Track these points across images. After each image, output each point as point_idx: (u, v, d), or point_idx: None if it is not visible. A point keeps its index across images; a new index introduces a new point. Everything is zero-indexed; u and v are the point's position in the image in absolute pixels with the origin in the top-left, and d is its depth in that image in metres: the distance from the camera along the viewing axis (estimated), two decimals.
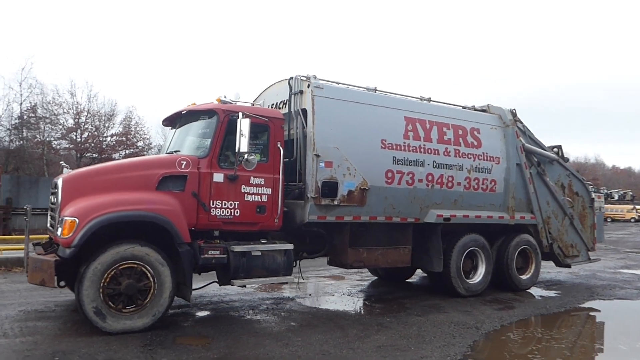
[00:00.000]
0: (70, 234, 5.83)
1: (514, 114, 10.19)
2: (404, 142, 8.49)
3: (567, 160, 11.38)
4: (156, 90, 70.86)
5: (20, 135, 32.22)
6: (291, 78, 8.14)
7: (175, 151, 7.38)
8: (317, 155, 7.56)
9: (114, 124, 35.78)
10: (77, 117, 33.31)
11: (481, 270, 9.43)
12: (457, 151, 9.13)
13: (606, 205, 46.24)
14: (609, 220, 45.13)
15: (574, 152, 74.13)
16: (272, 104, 8.75)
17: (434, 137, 8.88)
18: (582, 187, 11.41)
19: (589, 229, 11.45)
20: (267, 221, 7.28)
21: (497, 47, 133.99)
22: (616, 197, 61.27)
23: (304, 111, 7.78)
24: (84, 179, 6.53)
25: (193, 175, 6.74)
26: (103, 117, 34.83)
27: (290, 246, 7.31)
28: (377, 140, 8.20)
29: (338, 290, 9.61)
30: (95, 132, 34.20)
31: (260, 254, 7.08)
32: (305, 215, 7.59)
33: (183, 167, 6.72)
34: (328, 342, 5.97)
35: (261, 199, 7.22)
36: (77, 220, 5.87)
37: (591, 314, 8.43)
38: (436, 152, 8.85)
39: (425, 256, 9.25)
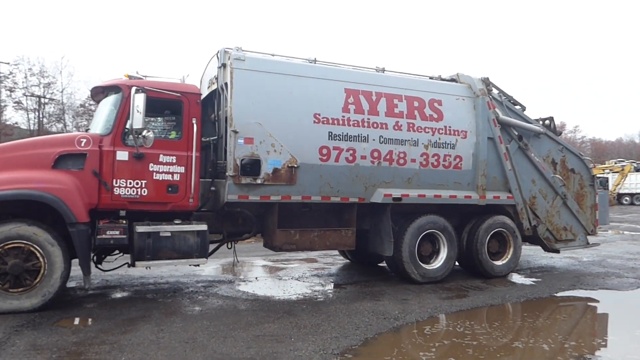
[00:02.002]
0: None
1: (486, 82, 9.18)
2: (343, 116, 7.84)
3: (559, 133, 10.18)
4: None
5: None
6: (218, 51, 7.71)
7: (87, 129, 7.22)
8: (235, 132, 7.12)
9: None
10: None
11: (442, 255, 8.63)
12: (410, 125, 8.33)
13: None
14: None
15: None
16: (209, 80, 8.36)
17: (381, 109, 8.14)
18: (579, 163, 10.17)
19: (589, 209, 10.21)
20: (179, 201, 6.97)
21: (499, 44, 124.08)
22: None
23: (227, 85, 7.34)
24: None
25: (93, 154, 6.53)
26: None
27: (203, 227, 6.96)
28: (309, 114, 7.61)
29: (289, 274, 9.17)
30: None
31: (169, 234, 6.80)
32: (224, 194, 7.21)
33: (82, 145, 6.52)
34: (208, 329, 5.59)
35: (172, 177, 6.92)
36: None
37: (550, 306, 7.41)
38: (384, 126, 8.12)
39: (377, 239, 8.60)
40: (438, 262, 8.60)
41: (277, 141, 7.36)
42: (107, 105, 7.09)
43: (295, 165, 7.47)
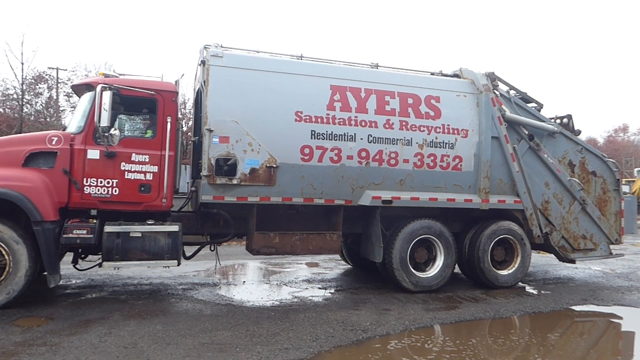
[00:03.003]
0: None
1: (491, 77, 8.52)
2: (328, 114, 7.46)
3: (578, 132, 9.30)
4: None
5: None
6: (200, 49, 7.53)
7: (64, 128, 7.22)
8: (210, 130, 6.91)
9: None
10: None
11: (438, 263, 8.06)
12: (403, 123, 7.84)
13: None
14: None
15: None
16: (196, 79, 8.22)
17: (370, 107, 7.70)
18: (601, 166, 9.28)
19: (613, 216, 9.30)
20: (152, 201, 6.84)
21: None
22: None
23: (205, 83, 7.14)
24: None
25: (64, 152, 6.51)
26: None
27: (175, 228, 6.79)
28: (290, 112, 7.29)
29: (280, 279, 8.87)
30: None
31: (140, 235, 6.68)
32: (200, 195, 7.01)
33: (54, 143, 6.51)
34: (156, 334, 5.39)
35: (145, 177, 6.80)
36: None
37: (547, 323, 6.70)
38: (373, 124, 7.67)
39: (368, 244, 8.17)
40: (434, 270, 8.04)
41: (254, 140, 7.09)
42: (82, 104, 7.07)
43: (274, 165, 7.17)
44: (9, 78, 43.64)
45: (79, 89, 7.33)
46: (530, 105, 9.39)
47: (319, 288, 8.18)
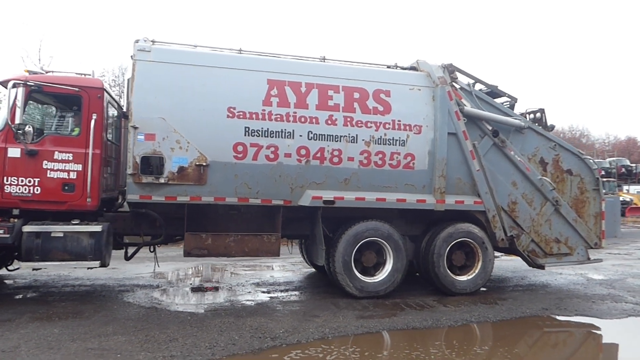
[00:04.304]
0: None
1: (449, 69, 7.97)
2: (264, 110, 7.12)
3: (551, 128, 8.62)
4: None
5: None
6: None
7: None
8: (135, 127, 6.69)
9: None
10: None
11: (387, 267, 7.59)
12: (348, 119, 7.41)
13: None
14: None
15: None
16: None
17: (311, 102, 7.31)
18: (578, 163, 8.56)
19: (592, 218, 8.56)
20: (77, 200, 6.68)
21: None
22: None
23: (131, 78, 6.93)
24: None
25: None
26: None
27: (97, 228, 6.60)
28: (222, 108, 6.99)
29: (232, 282, 8.60)
30: None
31: (62, 235, 6.52)
32: (126, 194, 6.81)
33: None
34: (46, 338, 5.20)
35: (69, 175, 6.64)
36: None
37: (484, 335, 6.14)
38: (314, 120, 7.28)
39: (313, 246, 7.79)
40: (382, 275, 7.57)
41: (183, 137, 6.82)
42: (6, 100, 6.96)
43: (205, 164, 6.89)
44: None
45: (4, 86, 7.26)
46: (501, 99, 8.81)
47: (263, 292, 7.84)
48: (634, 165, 38.06)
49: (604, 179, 36.16)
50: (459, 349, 5.40)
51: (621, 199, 30.28)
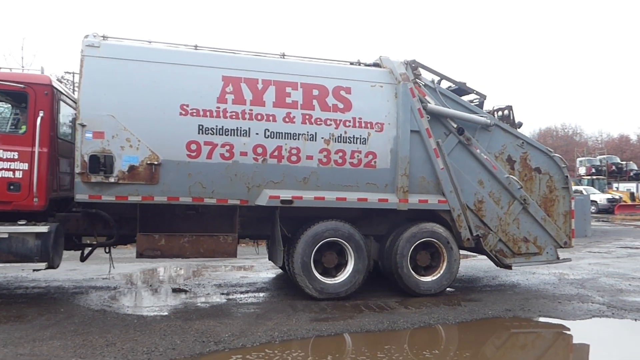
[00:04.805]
0: None
1: (412, 65, 7.79)
2: (218, 107, 6.92)
3: (519, 125, 8.46)
4: None
5: None
6: None
7: None
8: (83, 125, 6.49)
9: None
10: None
11: (349, 268, 7.42)
12: (306, 116, 7.22)
13: None
14: None
15: None
16: None
17: (268, 99, 7.12)
18: (547, 161, 8.39)
19: (561, 217, 8.41)
20: (23, 200, 6.48)
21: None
22: None
23: (80, 75, 6.73)
24: None
25: None
26: None
27: (44, 229, 6.40)
28: (174, 105, 6.79)
29: (193, 283, 8.41)
30: None
31: (6, 236, 6.33)
32: (75, 194, 6.61)
33: None
34: None
35: (14, 175, 6.45)
36: None
37: (435, 338, 5.96)
38: (271, 118, 7.09)
39: (272, 247, 7.60)
40: (343, 276, 7.40)
41: (133, 135, 6.63)
42: None
43: (156, 163, 6.69)
44: None
45: None
46: (469, 96, 8.64)
47: (222, 294, 7.66)
48: (624, 163, 38.05)
49: (594, 177, 36.26)
50: (407, 352, 5.23)
51: (610, 196, 30.30)
